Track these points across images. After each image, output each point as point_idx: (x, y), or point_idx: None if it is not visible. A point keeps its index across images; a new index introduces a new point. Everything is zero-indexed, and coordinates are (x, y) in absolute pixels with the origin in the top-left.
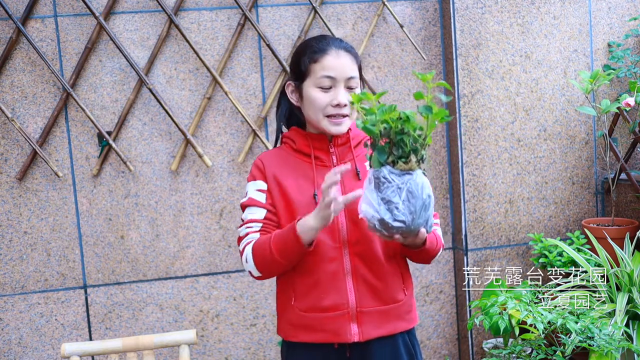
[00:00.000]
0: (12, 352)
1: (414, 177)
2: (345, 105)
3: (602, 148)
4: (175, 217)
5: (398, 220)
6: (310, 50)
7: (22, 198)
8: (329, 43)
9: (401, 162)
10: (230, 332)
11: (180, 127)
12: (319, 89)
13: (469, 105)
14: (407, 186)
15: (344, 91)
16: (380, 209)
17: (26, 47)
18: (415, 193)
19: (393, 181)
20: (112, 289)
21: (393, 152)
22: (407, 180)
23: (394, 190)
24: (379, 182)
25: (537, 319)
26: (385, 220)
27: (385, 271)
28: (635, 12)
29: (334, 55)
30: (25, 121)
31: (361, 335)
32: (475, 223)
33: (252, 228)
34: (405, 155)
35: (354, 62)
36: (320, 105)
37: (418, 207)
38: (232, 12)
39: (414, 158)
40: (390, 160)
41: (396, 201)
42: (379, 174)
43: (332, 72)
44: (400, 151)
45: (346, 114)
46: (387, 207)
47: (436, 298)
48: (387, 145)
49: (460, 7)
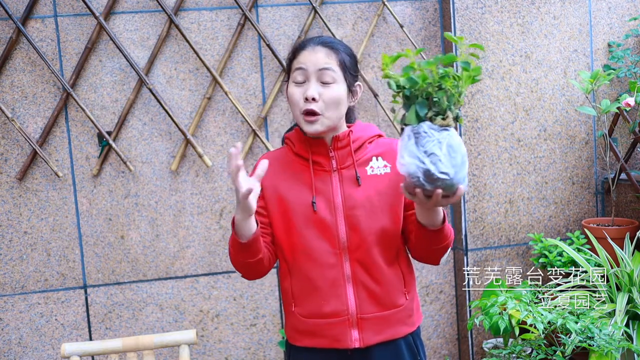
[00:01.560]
0: (12, 352)
1: (451, 133)
2: (314, 99)
3: (602, 148)
4: (175, 217)
5: (442, 172)
6: (293, 48)
7: (22, 198)
8: (309, 40)
9: (439, 118)
10: (230, 332)
11: (180, 127)
12: (294, 84)
13: (469, 105)
14: (447, 140)
15: (315, 84)
16: (426, 161)
17: (26, 47)
18: (456, 147)
19: (433, 135)
20: (112, 289)
21: (432, 108)
22: (445, 135)
23: (435, 144)
24: (419, 136)
25: (537, 319)
26: (430, 171)
27: (385, 276)
28: (635, 12)
29: (309, 50)
30: (25, 121)
31: (362, 342)
32: (475, 223)
33: None
34: (442, 112)
35: (330, 55)
36: (295, 100)
37: (459, 162)
38: (232, 12)
39: (451, 115)
40: (429, 115)
41: (439, 154)
42: (419, 129)
43: (304, 64)
44: (439, 107)
45: (317, 112)
46: (432, 159)
47: (436, 298)
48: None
49: (460, 7)
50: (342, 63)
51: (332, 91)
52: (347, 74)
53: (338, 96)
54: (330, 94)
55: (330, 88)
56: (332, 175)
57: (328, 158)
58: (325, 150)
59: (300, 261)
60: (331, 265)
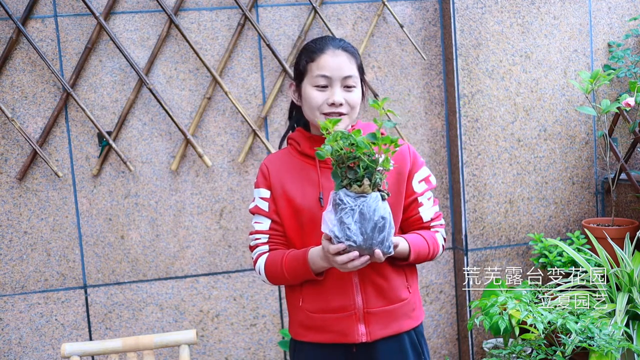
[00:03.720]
0: (12, 352)
1: (367, 200)
2: (341, 104)
3: (602, 148)
4: (175, 217)
5: (349, 239)
6: (309, 49)
7: (22, 198)
8: (327, 42)
9: (355, 186)
10: (230, 332)
11: (180, 127)
12: (315, 87)
13: (469, 105)
14: (359, 208)
15: (339, 90)
16: (335, 229)
17: (26, 47)
18: (367, 215)
19: (347, 203)
20: (112, 289)
21: (348, 175)
22: (360, 202)
23: (347, 212)
24: (336, 203)
25: (537, 319)
26: (339, 239)
27: (390, 270)
28: (635, 12)
29: (330, 55)
30: (25, 121)
31: (369, 336)
32: (475, 223)
33: (260, 240)
34: (359, 179)
35: (351, 61)
36: (316, 104)
37: (369, 229)
38: (232, 12)
39: (367, 182)
40: (345, 183)
41: (348, 222)
42: (336, 197)
43: (328, 71)
44: (355, 175)
45: (343, 113)
46: (341, 227)
47: (436, 298)
48: (343, 169)
49: (460, 7)
50: (359, 68)
51: (354, 95)
52: (362, 79)
53: (359, 99)
54: (353, 98)
55: (353, 92)
56: None
57: None
58: None
59: None
60: None
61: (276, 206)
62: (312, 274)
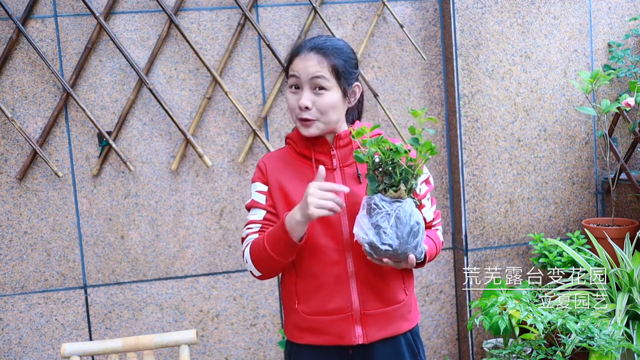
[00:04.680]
0: (12, 352)
1: (403, 204)
2: (308, 107)
3: (602, 148)
4: (175, 217)
5: (385, 244)
6: (290, 51)
7: (22, 198)
8: (302, 44)
9: (391, 190)
10: (230, 332)
11: (180, 127)
12: (289, 90)
13: (469, 105)
14: (395, 212)
15: (308, 93)
16: (369, 233)
17: (26, 47)
18: (403, 219)
19: (383, 208)
20: (112, 289)
21: (384, 180)
22: (396, 207)
23: (383, 216)
24: (371, 208)
25: (537, 319)
26: (374, 243)
27: (387, 272)
28: (635, 12)
29: (301, 57)
30: (25, 121)
31: (365, 338)
32: (475, 223)
33: (252, 229)
34: (395, 184)
35: (322, 62)
36: (291, 106)
37: (405, 233)
38: (232, 12)
39: (404, 187)
40: (381, 188)
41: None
42: (370, 201)
43: (297, 72)
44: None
45: (309, 119)
46: (376, 231)
47: (436, 298)
48: (379, 174)
49: (460, 7)
50: (334, 69)
51: (324, 98)
52: (340, 79)
53: (331, 102)
54: (322, 101)
55: (323, 95)
56: (334, 173)
57: (330, 156)
58: (327, 148)
59: (305, 258)
60: (335, 262)
61: (273, 201)
62: (291, 237)
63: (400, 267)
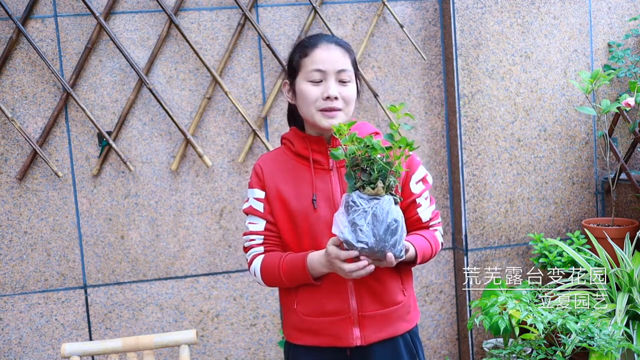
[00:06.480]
0: (12, 352)
1: (380, 202)
2: (337, 98)
3: (602, 148)
4: (175, 217)
5: (361, 241)
6: (302, 45)
7: (22, 198)
8: (319, 38)
9: (369, 188)
10: (230, 332)
11: (180, 127)
12: (309, 82)
13: (469, 105)
14: (372, 210)
15: (335, 84)
16: (345, 231)
17: (26, 47)
18: (380, 217)
19: (360, 205)
20: (112, 289)
21: (362, 178)
22: (373, 204)
23: (360, 213)
24: (348, 205)
25: (537, 319)
26: (349, 241)
27: (385, 274)
28: (635, 12)
29: (323, 49)
30: (25, 121)
31: (363, 340)
32: (475, 223)
33: (255, 241)
34: (373, 182)
35: (345, 55)
36: (312, 99)
37: (382, 231)
38: (232, 12)
39: (381, 184)
40: (358, 185)
41: (361, 224)
42: (348, 199)
43: (322, 65)
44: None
45: (337, 108)
46: (352, 229)
47: (436, 298)
48: (356, 171)
49: (460, 7)
50: (353, 63)
51: (349, 90)
52: (356, 74)
53: (354, 94)
54: (348, 93)
55: (348, 87)
56: (331, 173)
57: (327, 156)
58: (324, 148)
59: None
60: None
61: (271, 207)
62: (310, 279)
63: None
